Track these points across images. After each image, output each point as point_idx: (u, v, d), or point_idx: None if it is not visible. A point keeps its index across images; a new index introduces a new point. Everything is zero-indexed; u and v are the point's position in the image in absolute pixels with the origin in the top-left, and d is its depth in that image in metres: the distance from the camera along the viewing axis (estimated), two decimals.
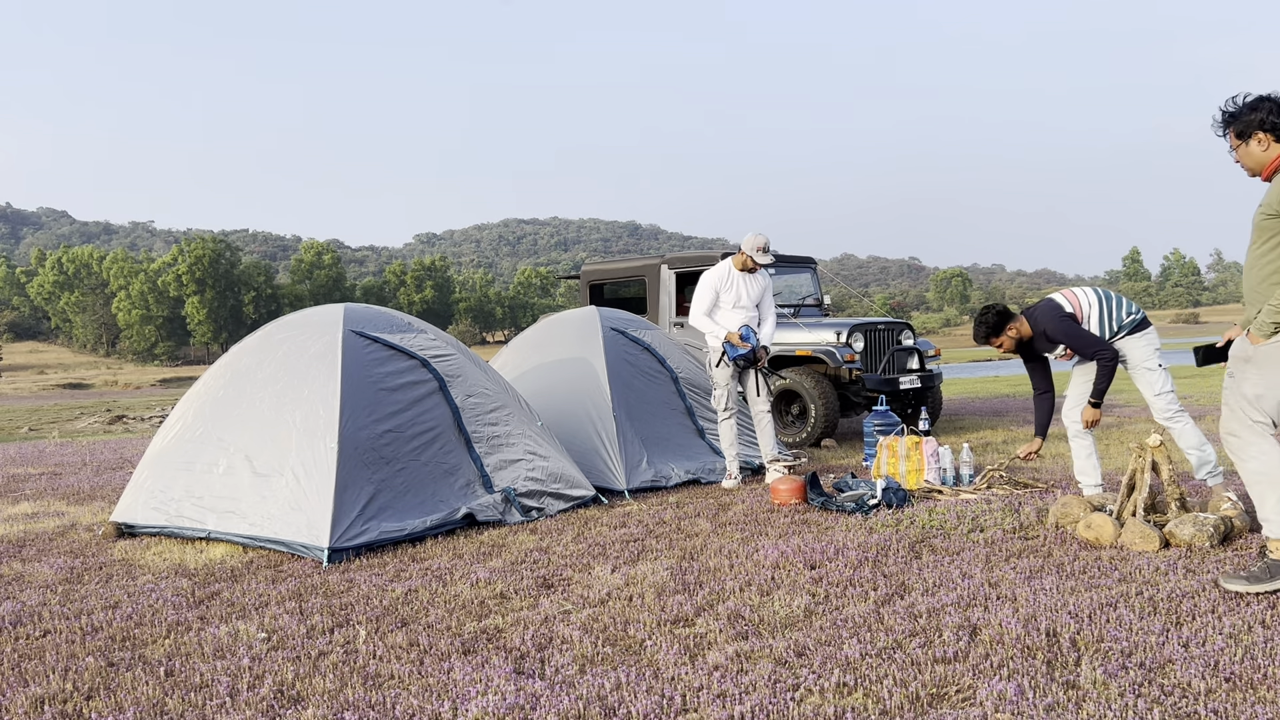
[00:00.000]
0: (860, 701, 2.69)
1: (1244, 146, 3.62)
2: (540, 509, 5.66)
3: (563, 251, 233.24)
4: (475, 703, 2.79)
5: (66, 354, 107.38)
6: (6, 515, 6.75)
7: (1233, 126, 3.64)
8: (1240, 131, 3.61)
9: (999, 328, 5.29)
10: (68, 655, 3.43)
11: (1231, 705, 2.56)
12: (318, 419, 5.12)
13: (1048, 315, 5.16)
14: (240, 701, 2.92)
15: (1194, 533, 4.25)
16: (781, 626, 3.40)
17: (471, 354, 6.20)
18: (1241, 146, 3.63)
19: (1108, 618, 3.29)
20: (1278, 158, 3.55)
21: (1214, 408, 10.90)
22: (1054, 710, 2.57)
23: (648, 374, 7.16)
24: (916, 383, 9.18)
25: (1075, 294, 5.26)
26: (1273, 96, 3.56)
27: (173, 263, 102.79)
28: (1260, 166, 3.61)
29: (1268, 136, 3.56)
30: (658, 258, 10.32)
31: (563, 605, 3.79)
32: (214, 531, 5.16)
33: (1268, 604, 3.37)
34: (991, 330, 5.30)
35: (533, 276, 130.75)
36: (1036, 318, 5.23)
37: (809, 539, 4.74)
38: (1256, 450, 3.56)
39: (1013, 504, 5.35)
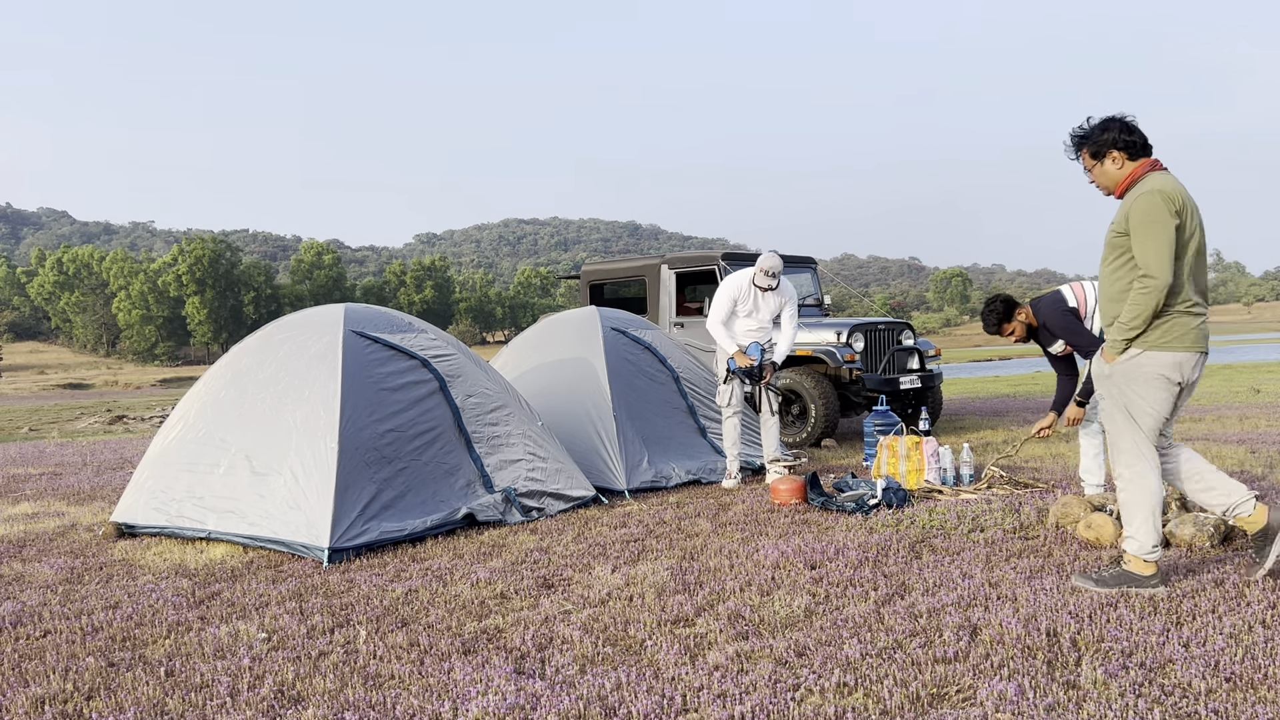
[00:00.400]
0: (860, 701, 2.69)
1: (1099, 166, 3.74)
2: (540, 509, 5.66)
3: (563, 251, 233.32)
4: (476, 703, 2.79)
5: (67, 354, 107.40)
6: (7, 515, 6.75)
7: (1086, 148, 3.76)
8: (1095, 152, 3.73)
9: (1008, 314, 5.27)
10: (68, 655, 3.43)
11: (1232, 705, 2.56)
12: (318, 419, 5.12)
13: (1050, 307, 5.16)
14: (241, 701, 2.92)
15: (1194, 533, 4.25)
16: (782, 626, 3.40)
17: (472, 354, 6.20)
18: (1097, 166, 3.75)
19: (1108, 618, 3.29)
20: (1129, 176, 3.67)
21: (1212, 408, 10.90)
22: (1054, 710, 2.57)
23: (648, 374, 7.16)
24: (917, 383, 9.18)
25: (1083, 288, 5.23)
26: (1121, 117, 3.71)
27: (173, 263, 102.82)
28: (1114, 184, 3.73)
29: (1121, 155, 3.68)
30: (658, 258, 10.32)
31: (563, 605, 3.79)
32: (214, 532, 5.16)
33: (1268, 604, 3.37)
34: (1002, 317, 5.28)
35: (533, 276, 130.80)
36: (1040, 309, 5.21)
37: (809, 539, 4.74)
38: (1133, 471, 3.67)
39: (1013, 504, 5.35)
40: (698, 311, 10.03)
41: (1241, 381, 15.35)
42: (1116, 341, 3.61)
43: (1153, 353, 3.58)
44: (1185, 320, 3.58)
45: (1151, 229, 3.50)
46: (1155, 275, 3.48)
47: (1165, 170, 3.66)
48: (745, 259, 10.14)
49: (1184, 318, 3.58)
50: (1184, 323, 3.58)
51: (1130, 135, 3.66)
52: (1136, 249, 3.54)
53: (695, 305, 10.20)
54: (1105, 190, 3.78)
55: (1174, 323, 3.57)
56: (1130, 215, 3.57)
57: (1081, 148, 3.78)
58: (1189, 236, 3.57)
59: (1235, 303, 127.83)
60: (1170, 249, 3.49)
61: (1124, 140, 3.66)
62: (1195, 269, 3.61)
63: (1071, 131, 3.81)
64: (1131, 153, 3.67)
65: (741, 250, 10.43)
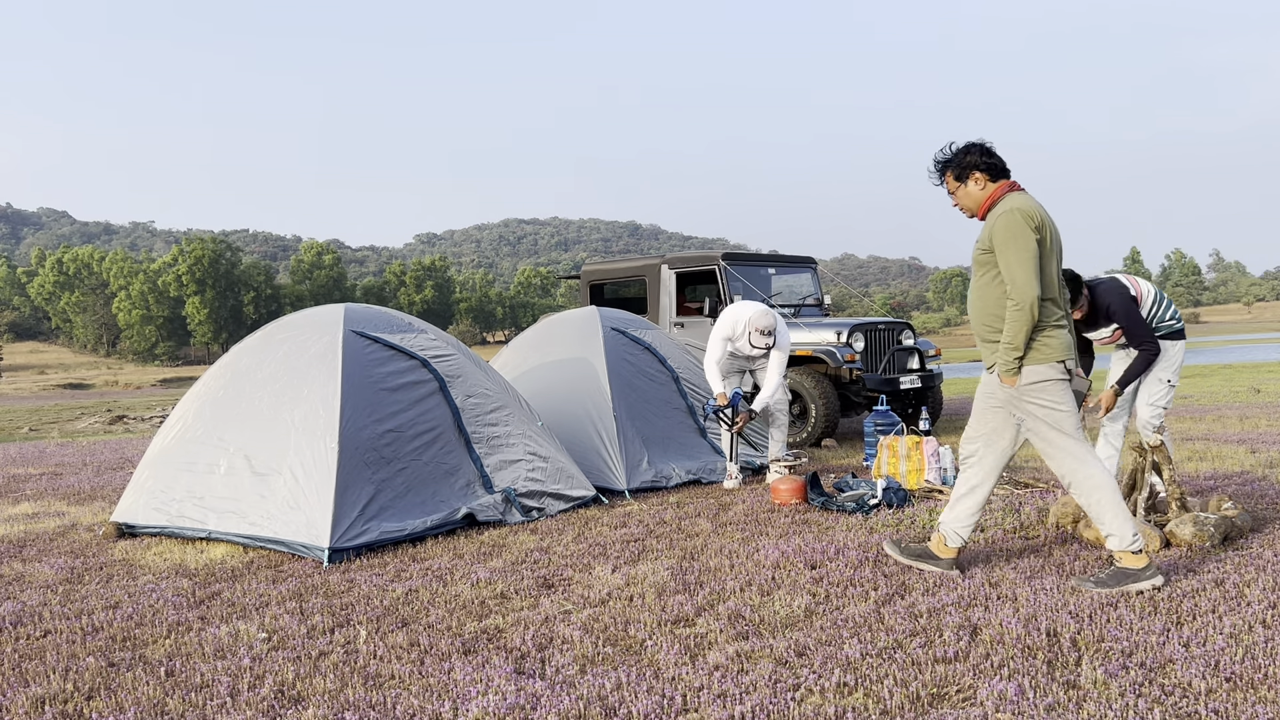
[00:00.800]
0: (861, 701, 2.69)
1: (963, 188, 3.91)
2: (541, 509, 5.67)
3: (563, 251, 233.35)
4: (476, 703, 2.79)
5: (67, 354, 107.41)
6: (7, 515, 6.75)
7: (950, 170, 3.92)
8: (958, 174, 3.90)
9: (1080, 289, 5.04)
10: (68, 655, 3.44)
11: (1232, 705, 2.56)
12: (318, 419, 5.12)
13: (1114, 292, 5.01)
14: (241, 702, 2.92)
15: (1195, 532, 4.25)
16: (782, 626, 3.40)
17: (472, 354, 6.20)
18: (960, 188, 3.91)
19: (1108, 617, 3.29)
20: (990, 196, 3.84)
21: (1213, 407, 10.90)
22: (1054, 710, 2.57)
23: (648, 374, 7.16)
24: (917, 382, 9.18)
25: (1137, 281, 5.15)
26: (980, 142, 3.89)
27: (173, 263, 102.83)
28: (977, 205, 3.89)
29: (983, 176, 3.86)
30: (658, 258, 10.32)
31: (563, 605, 3.79)
32: (215, 531, 5.16)
33: (1268, 604, 3.37)
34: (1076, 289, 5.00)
35: (533, 276, 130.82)
36: (1100, 292, 5.05)
37: (809, 539, 4.74)
38: (1083, 474, 3.77)
39: (1013, 504, 5.35)
40: (698, 311, 10.03)
41: (1241, 381, 15.35)
42: (1009, 364, 3.75)
43: (1042, 366, 3.75)
44: (1057, 333, 3.77)
45: (1014, 244, 3.67)
46: (1024, 290, 3.65)
47: (1024, 191, 3.84)
48: (745, 259, 10.14)
49: (1056, 330, 3.77)
50: (1057, 334, 3.77)
51: (990, 158, 3.85)
52: (1003, 265, 3.71)
53: (695, 305, 10.21)
54: (968, 211, 3.94)
55: (1052, 335, 3.76)
56: (994, 233, 3.74)
57: (945, 171, 3.94)
58: (1049, 252, 3.76)
59: (1235, 303, 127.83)
60: (1034, 262, 3.66)
61: (985, 163, 3.85)
62: (1056, 284, 3.80)
63: (935, 156, 3.98)
64: (993, 174, 3.86)
65: (741, 250, 10.43)
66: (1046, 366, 3.74)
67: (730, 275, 9.67)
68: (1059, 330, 3.77)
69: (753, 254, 10.52)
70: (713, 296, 9.74)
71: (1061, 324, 3.80)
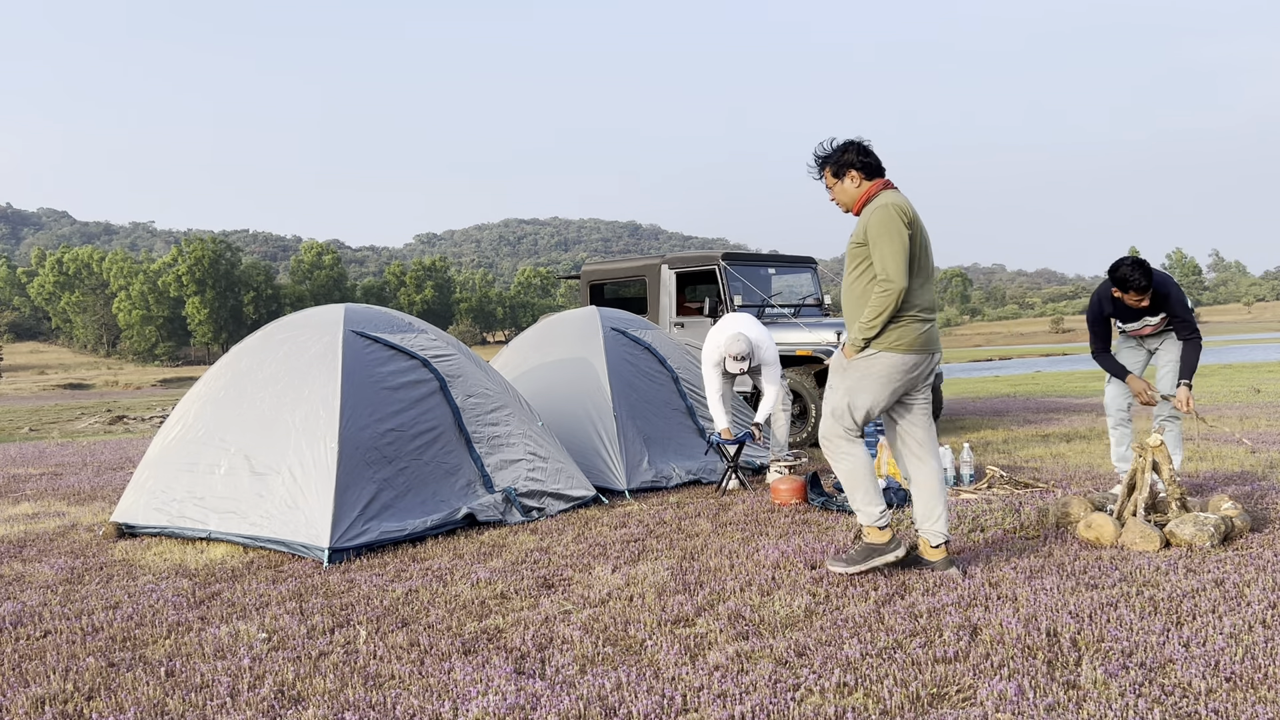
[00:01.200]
0: (861, 701, 2.69)
1: (839, 184, 4.07)
2: (541, 509, 5.67)
3: (563, 251, 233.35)
4: (476, 703, 2.79)
5: (67, 354, 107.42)
6: (7, 515, 6.75)
7: (828, 167, 4.08)
8: (836, 171, 4.06)
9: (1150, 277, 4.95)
10: (68, 655, 3.44)
11: (1232, 705, 2.56)
12: (318, 419, 5.12)
13: (1174, 283, 5.06)
14: (241, 702, 2.92)
15: (1194, 532, 4.25)
16: (782, 626, 3.40)
17: (472, 354, 6.20)
18: (837, 185, 4.07)
19: (1108, 617, 3.29)
20: (865, 193, 4.00)
21: (1213, 407, 10.90)
22: (1054, 710, 2.57)
23: (648, 374, 7.16)
24: None
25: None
26: (857, 140, 4.05)
27: (173, 263, 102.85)
28: (853, 201, 4.05)
29: (859, 174, 4.02)
30: (658, 258, 10.32)
31: (563, 605, 3.79)
32: (215, 532, 5.16)
33: (1268, 604, 3.37)
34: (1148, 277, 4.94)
35: (533, 276, 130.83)
36: (1164, 278, 5.02)
37: (809, 539, 4.74)
38: (847, 453, 4.00)
39: (1013, 504, 5.35)
40: (698, 311, 10.03)
41: (1241, 381, 15.35)
42: (856, 340, 3.92)
43: (886, 354, 3.91)
44: (916, 326, 3.92)
45: (887, 237, 3.82)
46: (893, 279, 3.81)
47: (896, 189, 4.01)
48: (745, 259, 10.13)
49: (915, 323, 3.92)
50: (915, 328, 3.92)
51: (866, 157, 4.01)
52: (875, 257, 3.86)
53: (695, 305, 10.20)
54: (844, 207, 4.10)
55: (906, 328, 3.90)
56: (869, 227, 3.90)
57: (824, 167, 4.10)
58: (919, 250, 3.92)
59: (1235, 303, 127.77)
60: (905, 255, 3.82)
61: (861, 161, 4.01)
62: (925, 281, 3.97)
63: (814, 152, 4.13)
64: (868, 173, 4.02)
65: (741, 250, 10.43)
66: (890, 355, 3.90)
67: (730, 275, 9.67)
68: (915, 324, 3.92)
69: (753, 254, 10.52)
70: (713, 296, 9.73)
71: (923, 318, 3.95)
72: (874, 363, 3.92)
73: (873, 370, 3.92)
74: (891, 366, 3.91)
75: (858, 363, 3.95)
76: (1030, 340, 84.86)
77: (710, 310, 9.64)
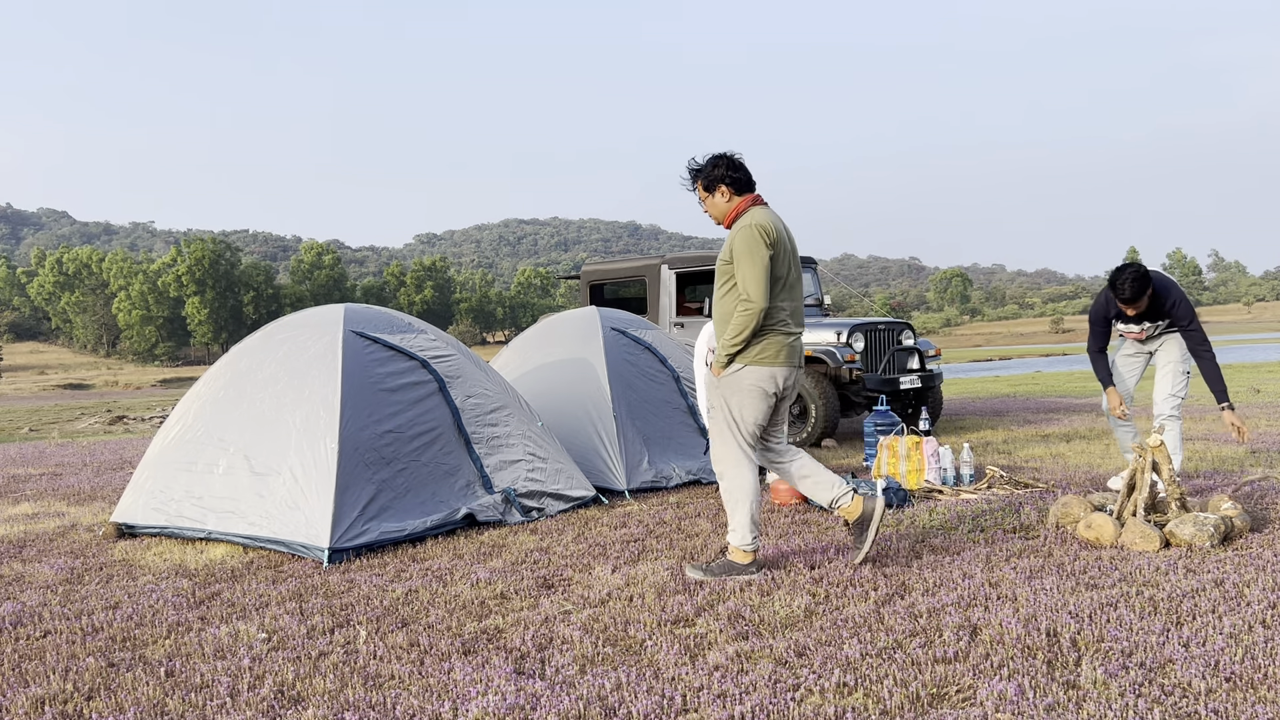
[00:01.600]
0: (860, 701, 2.69)
1: (710, 198, 4.14)
2: (540, 509, 5.66)
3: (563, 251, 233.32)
4: (476, 703, 2.79)
5: (67, 354, 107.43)
6: (7, 516, 6.75)
7: (699, 181, 4.15)
8: (706, 185, 4.13)
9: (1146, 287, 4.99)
10: (68, 656, 3.43)
11: (1232, 705, 2.56)
12: (318, 419, 5.12)
13: (1179, 289, 5.01)
14: (241, 702, 2.92)
15: (1194, 532, 4.25)
16: (782, 626, 3.40)
17: (471, 354, 6.20)
18: (709, 199, 4.15)
19: (1108, 617, 3.29)
20: (735, 209, 4.07)
21: (1212, 407, 10.90)
22: (1054, 710, 2.57)
23: (649, 373, 7.16)
24: (917, 383, 9.18)
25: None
26: (729, 155, 4.11)
27: (173, 263, 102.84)
28: (723, 215, 4.13)
29: (729, 189, 4.09)
30: (658, 258, 10.32)
31: (563, 605, 3.79)
32: (214, 532, 5.16)
33: (1268, 604, 3.37)
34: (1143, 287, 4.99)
35: (533, 277, 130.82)
36: (1167, 286, 5.00)
37: (809, 539, 4.74)
38: (735, 472, 4.07)
39: (1013, 504, 5.35)
40: (698, 311, 10.03)
41: (1241, 381, 15.35)
42: (722, 356, 4.02)
43: (752, 367, 4.00)
44: (780, 339, 4.02)
45: (749, 258, 3.91)
46: (753, 299, 3.90)
47: (766, 206, 4.09)
48: None
49: (779, 337, 4.02)
50: (779, 341, 4.01)
51: (736, 172, 4.08)
52: (738, 276, 3.95)
53: (695, 305, 10.21)
54: (716, 220, 4.17)
55: (770, 341, 4.00)
56: (733, 245, 3.98)
57: (696, 181, 4.17)
58: (783, 266, 4.01)
59: (1235, 303, 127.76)
60: (765, 276, 3.91)
61: (730, 176, 4.08)
62: (790, 294, 4.07)
63: (688, 165, 4.20)
64: (737, 188, 4.09)
65: None
66: (755, 368, 4.00)
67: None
68: (780, 338, 4.02)
69: None
70: (713, 297, 9.73)
71: (787, 331, 4.05)
72: (742, 377, 4.02)
73: (742, 385, 4.02)
74: (759, 379, 4.01)
75: (727, 380, 4.04)
76: (1030, 340, 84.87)
77: (710, 310, 9.64)
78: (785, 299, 4.04)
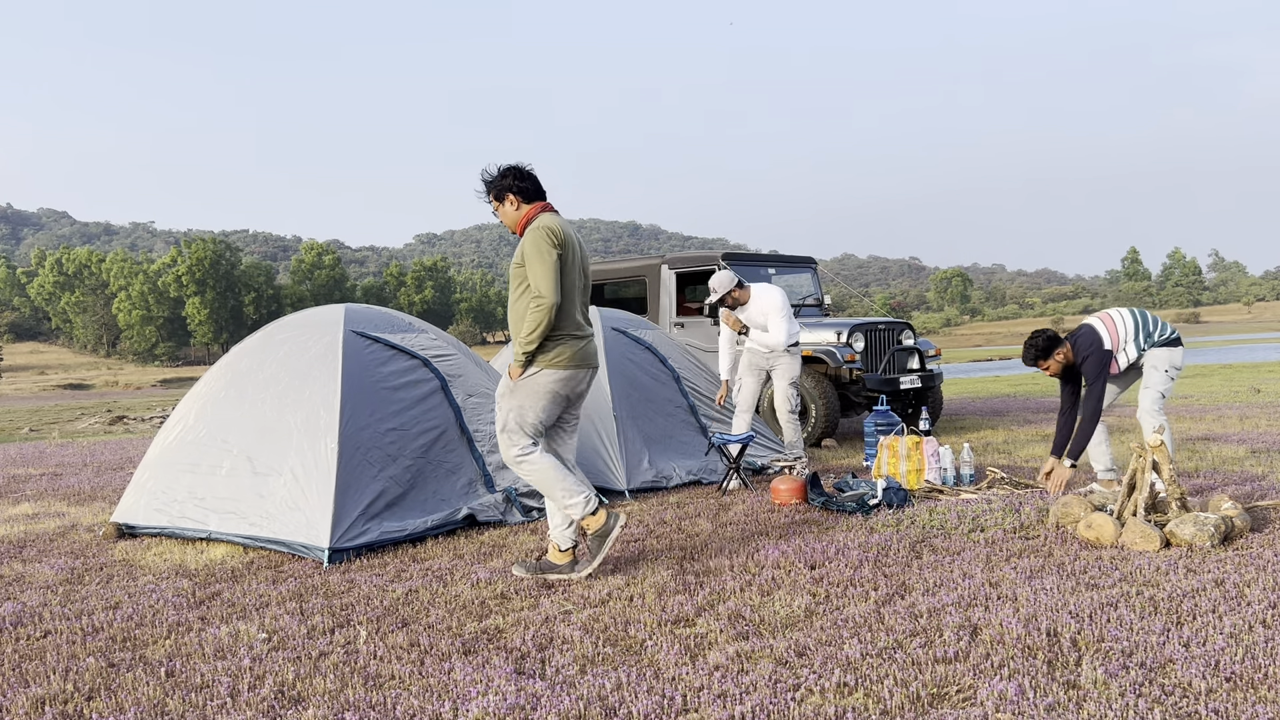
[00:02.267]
0: (861, 701, 2.69)
1: (502, 208, 4.27)
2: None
3: None
4: (476, 703, 2.79)
5: (67, 354, 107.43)
6: (7, 516, 6.75)
7: (491, 191, 4.28)
8: (496, 195, 4.26)
9: (1048, 352, 5.42)
10: (68, 656, 3.44)
11: (1232, 705, 2.56)
12: (319, 419, 5.12)
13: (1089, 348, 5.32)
14: (241, 702, 2.92)
15: (1195, 532, 4.25)
16: (782, 626, 3.40)
17: (472, 354, 6.20)
18: (500, 208, 4.27)
19: (1108, 617, 3.29)
20: (525, 216, 4.19)
21: (1213, 407, 10.90)
22: (1054, 710, 2.57)
23: (649, 373, 7.16)
24: (917, 383, 9.18)
25: (1112, 318, 5.45)
26: (517, 166, 4.25)
27: (173, 263, 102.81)
28: (514, 224, 4.24)
29: (517, 198, 4.22)
30: (658, 258, 10.32)
31: (563, 605, 3.79)
32: (215, 532, 5.16)
33: (1268, 604, 3.37)
34: (1040, 354, 5.43)
35: None
36: (1078, 345, 5.38)
37: (809, 539, 4.74)
38: (532, 463, 4.16)
39: (1013, 504, 5.35)
40: (698, 311, 10.03)
41: (1241, 381, 15.35)
42: (519, 357, 4.10)
43: (548, 370, 4.11)
44: (574, 343, 4.15)
45: (539, 258, 4.03)
46: (545, 295, 4.00)
47: (555, 212, 4.23)
48: (745, 259, 10.14)
49: (571, 340, 4.14)
50: (572, 345, 4.14)
51: (523, 182, 4.21)
52: (530, 275, 4.05)
53: (695, 305, 10.21)
54: (510, 228, 4.28)
55: (564, 345, 4.12)
56: (524, 248, 4.10)
57: (489, 192, 4.30)
58: (573, 271, 4.13)
59: (1235, 302, 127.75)
60: (555, 274, 4.02)
61: (518, 185, 4.21)
62: (580, 299, 4.19)
63: (480, 176, 4.31)
64: (525, 196, 4.22)
65: (741, 250, 10.43)
66: (552, 371, 4.11)
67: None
68: (572, 340, 4.14)
69: (753, 254, 10.52)
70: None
71: (579, 335, 4.17)
72: (538, 380, 4.11)
73: (538, 387, 4.11)
74: (554, 382, 4.12)
75: (523, 382, 4.13)
76: None
77: (710, 310, 9.64)
78: (574, 304, 4.16)
